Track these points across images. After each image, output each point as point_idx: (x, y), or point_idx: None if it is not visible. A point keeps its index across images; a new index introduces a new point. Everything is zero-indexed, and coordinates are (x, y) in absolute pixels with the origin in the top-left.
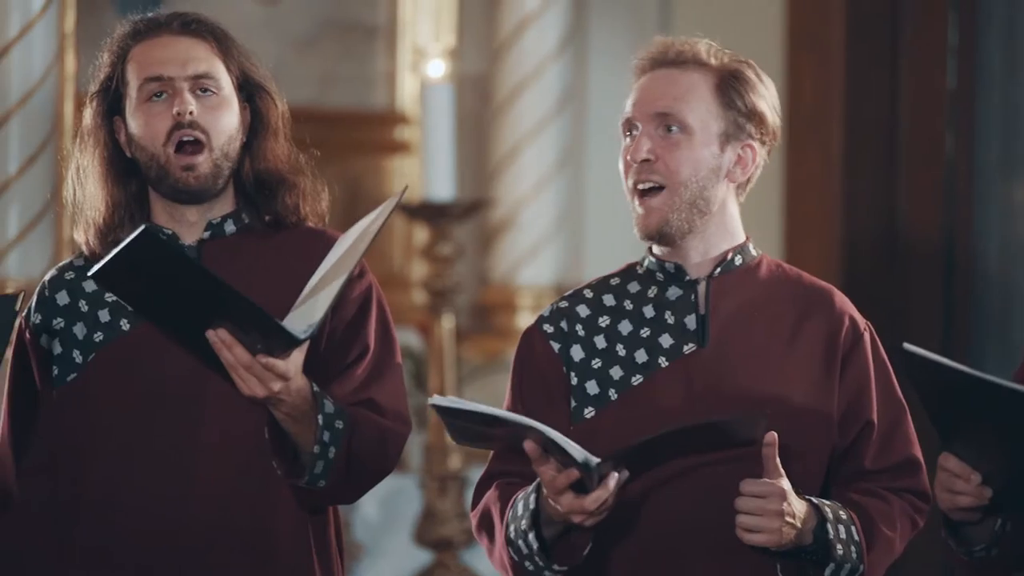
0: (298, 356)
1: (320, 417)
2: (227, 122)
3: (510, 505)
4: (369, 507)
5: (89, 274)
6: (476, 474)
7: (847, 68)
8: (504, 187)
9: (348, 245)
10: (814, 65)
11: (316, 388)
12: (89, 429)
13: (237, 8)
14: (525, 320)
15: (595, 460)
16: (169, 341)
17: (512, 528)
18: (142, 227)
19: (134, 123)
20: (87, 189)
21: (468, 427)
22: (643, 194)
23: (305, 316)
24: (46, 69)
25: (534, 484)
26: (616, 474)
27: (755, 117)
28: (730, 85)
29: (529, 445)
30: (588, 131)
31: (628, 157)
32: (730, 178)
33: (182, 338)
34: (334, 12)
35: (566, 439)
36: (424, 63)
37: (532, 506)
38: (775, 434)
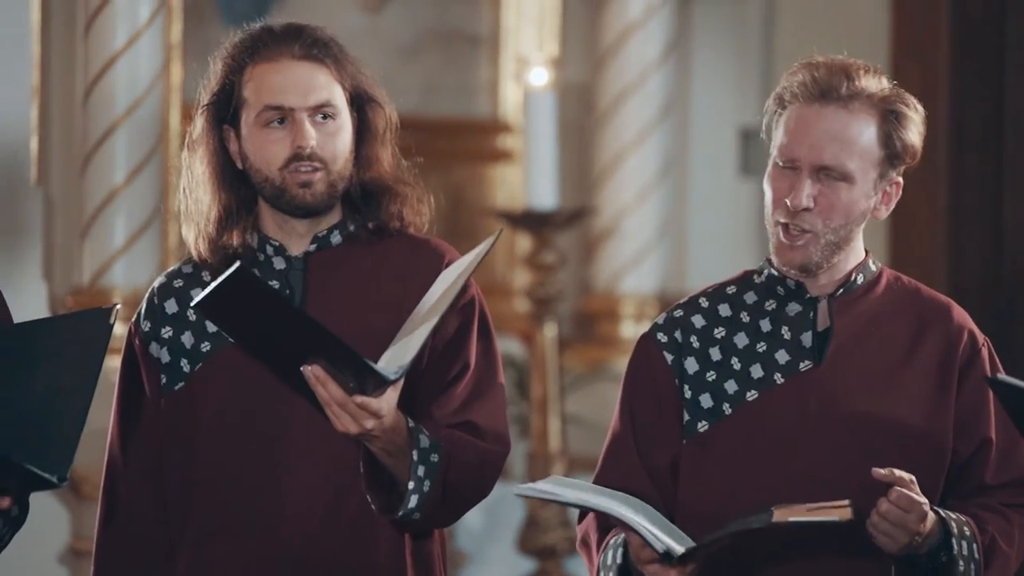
0: (392, 394)
1: (415, 452)
2: (343, 145)
3: (602, 548)
4: (472, 515)
5: (191, 305)
6: None
7: (952, 76)
8: (607, 195)
9: (447, 284)
10: (919, 73)
11: (411, 423)
12: (194, 438)
13: (341, 17)
14: (628, 329)
15: (678, 551)
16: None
17: (602, 574)
18: (236, 264)
19: (250, 144)
20: (197, 196)
21: None
22: (787, 228)
23: (398, 356)
24: (152, 80)
25: (621, 539)
26: (693, 566)
27: (908, 152)
28: (891, 125)
29: (616, 523)
30: (691, 139)
31: (788, 202)
32: (875, 215)
33: (278, 370)
34: (437, 21)
35: (647, 528)
36: (527, 71)
37: (619, 561)
38: (909, 476)
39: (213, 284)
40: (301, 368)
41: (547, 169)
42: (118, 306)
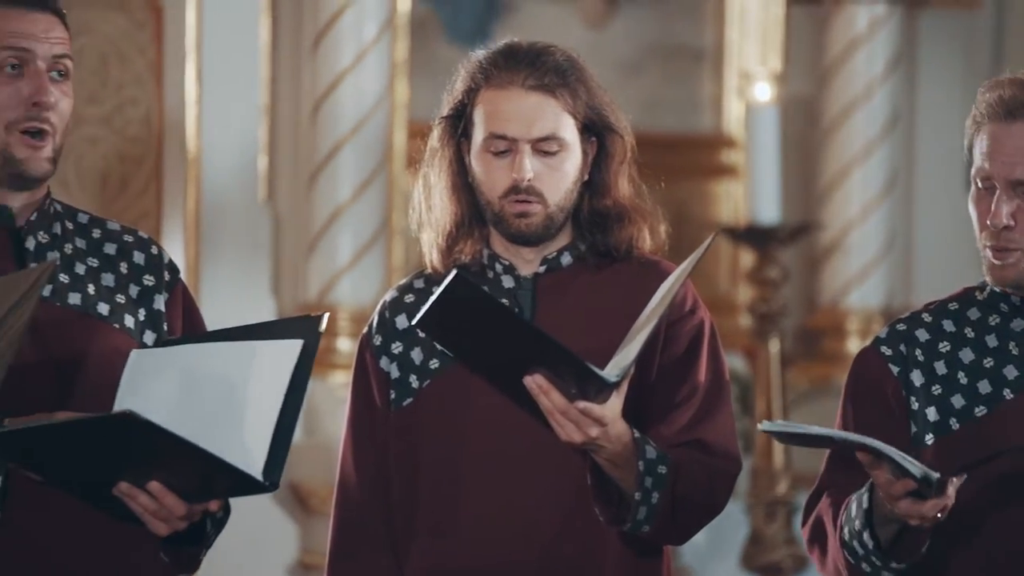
0: (615, 401)
1: (641, 463)
2: (566, 179)
3: (843, 509)
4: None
5: (412, 323)
6: (804, 499)
7: None
8: (832, 210)
9: (664, 291)
10: None
11: (637, 434)
12: (422, 455)
13: (565, 32)
14: (854, 345)
15: (935, 475)
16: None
17: (846, 530)
18: (454, 272)
19: (476, 165)
20: (432, 206)
21: (796, 440)
22: (994, 249)
23: (619, 360)
24: (378, 97)
25: (867, 485)
26: (956, 479)
27: None
28: None
29: (862, 454)
30: (917, 153)
31: (988, 222)
32: None
33: (500, 383)
34: (660, 36)
35: (902, 454)
36: (750, 86)
37: (866, 506)
38: None
39: (433, 297)
40: (524, 379)
41: (770, 184)
42: (327, 315)
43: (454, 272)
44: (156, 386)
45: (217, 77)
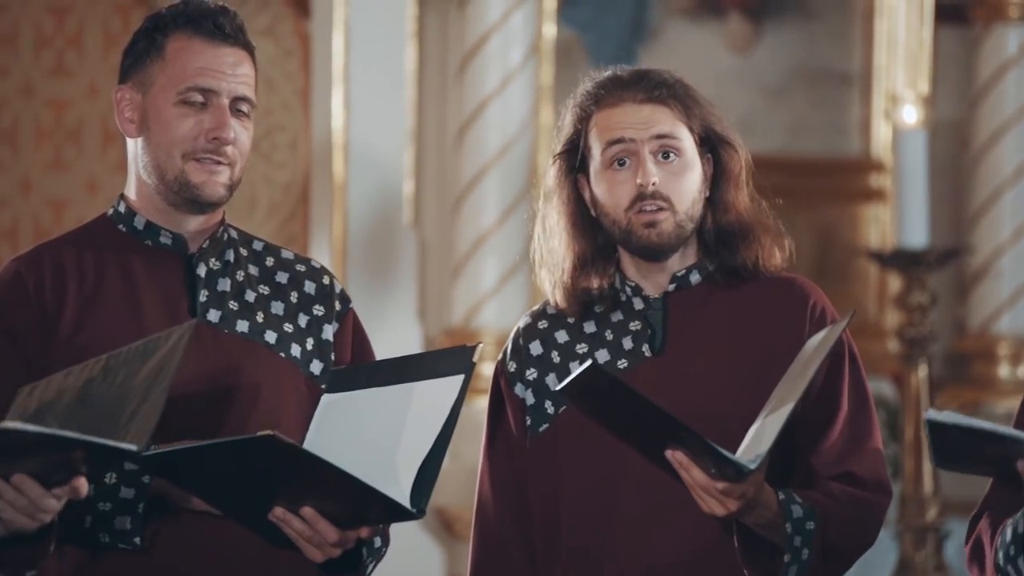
0: (757, 474)
1: (789, 525)
2: (690, 185)
3: (999, 531)
4: None
5: (556, 390)
6: (954, 526)
7: None
8: (982, 234)
9: (800, 365)
10: None
11: (782, 495)
12: (558, 483)
13: (710, 58)
14: (1005, 370)
15: None
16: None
17: (1001, 554)
18: (588, 363)
19: (598, 189)
20: (552, 246)
21: (957, 448)
22: None
23: (755, 444)
24: (523, 122)
25: (1022, 510)
26: None
27: None
28: None
29: (1022, 465)
30: None
31: None
32: None
33: (644, 450)
34: (807, 60)
35: None
36: (898, 109)
37: (1021, 530)
38: None
39: (569, 378)
40: (665, 453)
41: (918, 208)
42: (481, 345)
43: (588, 363)
44: (336, 428)
45: (364, 103)
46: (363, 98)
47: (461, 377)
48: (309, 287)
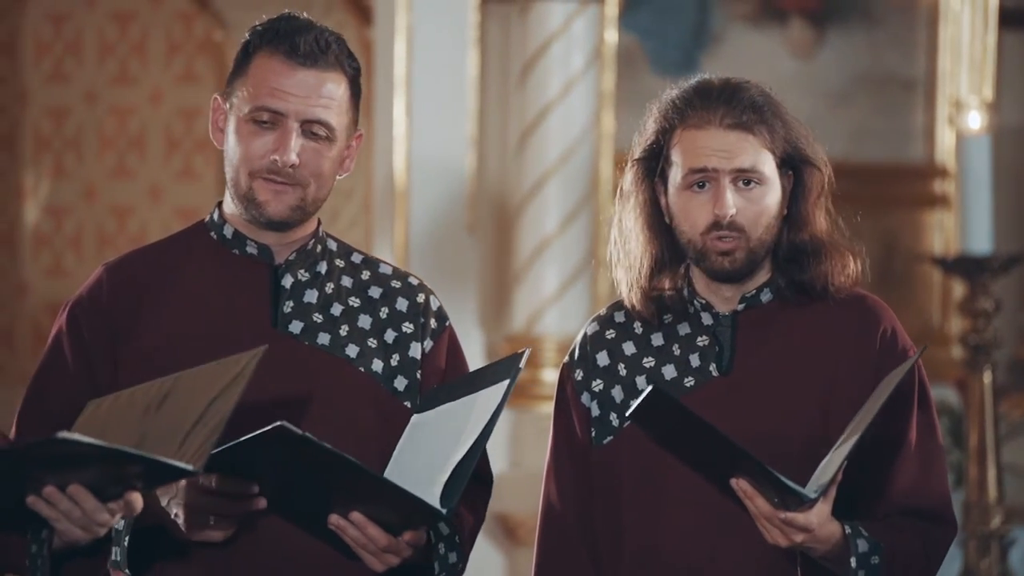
0: (822, 507)
1: (854, 560)
2: (767, 213)
3: None
4: None
5: (626, 415)
6: (1018, 534)
7: None
8: None
9: (874, 399)
10: None
11: (848, 529)
12: (621, 495)
13: (772, 62)
14: None
15: None
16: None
17: None
18: (649, 388)
19: (676, 204)
20: (629, 248)
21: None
22: None
23: (821, 475)
24: (585, 128)
25: None
26: None
27: None
28: None
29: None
30: None
31: None
32: None
33: (707, 476)
34: (870, 66)
35: None
36: (962, 115)
37: None
38: None
39: (635, 403)
40: (729, 481)
41: (982, 214)
42: (528, 351)
43: (650, 388)
44: (415, 446)
45: (426, 110)
46: (425, 105)
47: (507, 382)
48: (401, 304)
